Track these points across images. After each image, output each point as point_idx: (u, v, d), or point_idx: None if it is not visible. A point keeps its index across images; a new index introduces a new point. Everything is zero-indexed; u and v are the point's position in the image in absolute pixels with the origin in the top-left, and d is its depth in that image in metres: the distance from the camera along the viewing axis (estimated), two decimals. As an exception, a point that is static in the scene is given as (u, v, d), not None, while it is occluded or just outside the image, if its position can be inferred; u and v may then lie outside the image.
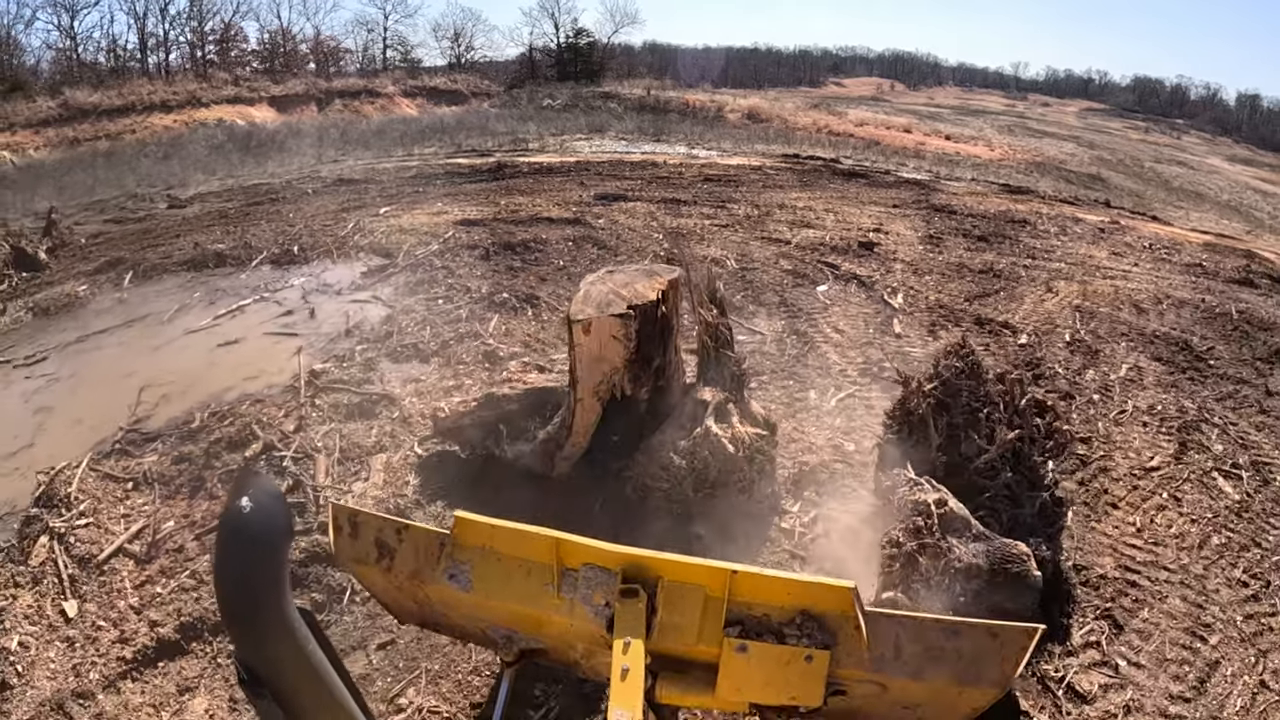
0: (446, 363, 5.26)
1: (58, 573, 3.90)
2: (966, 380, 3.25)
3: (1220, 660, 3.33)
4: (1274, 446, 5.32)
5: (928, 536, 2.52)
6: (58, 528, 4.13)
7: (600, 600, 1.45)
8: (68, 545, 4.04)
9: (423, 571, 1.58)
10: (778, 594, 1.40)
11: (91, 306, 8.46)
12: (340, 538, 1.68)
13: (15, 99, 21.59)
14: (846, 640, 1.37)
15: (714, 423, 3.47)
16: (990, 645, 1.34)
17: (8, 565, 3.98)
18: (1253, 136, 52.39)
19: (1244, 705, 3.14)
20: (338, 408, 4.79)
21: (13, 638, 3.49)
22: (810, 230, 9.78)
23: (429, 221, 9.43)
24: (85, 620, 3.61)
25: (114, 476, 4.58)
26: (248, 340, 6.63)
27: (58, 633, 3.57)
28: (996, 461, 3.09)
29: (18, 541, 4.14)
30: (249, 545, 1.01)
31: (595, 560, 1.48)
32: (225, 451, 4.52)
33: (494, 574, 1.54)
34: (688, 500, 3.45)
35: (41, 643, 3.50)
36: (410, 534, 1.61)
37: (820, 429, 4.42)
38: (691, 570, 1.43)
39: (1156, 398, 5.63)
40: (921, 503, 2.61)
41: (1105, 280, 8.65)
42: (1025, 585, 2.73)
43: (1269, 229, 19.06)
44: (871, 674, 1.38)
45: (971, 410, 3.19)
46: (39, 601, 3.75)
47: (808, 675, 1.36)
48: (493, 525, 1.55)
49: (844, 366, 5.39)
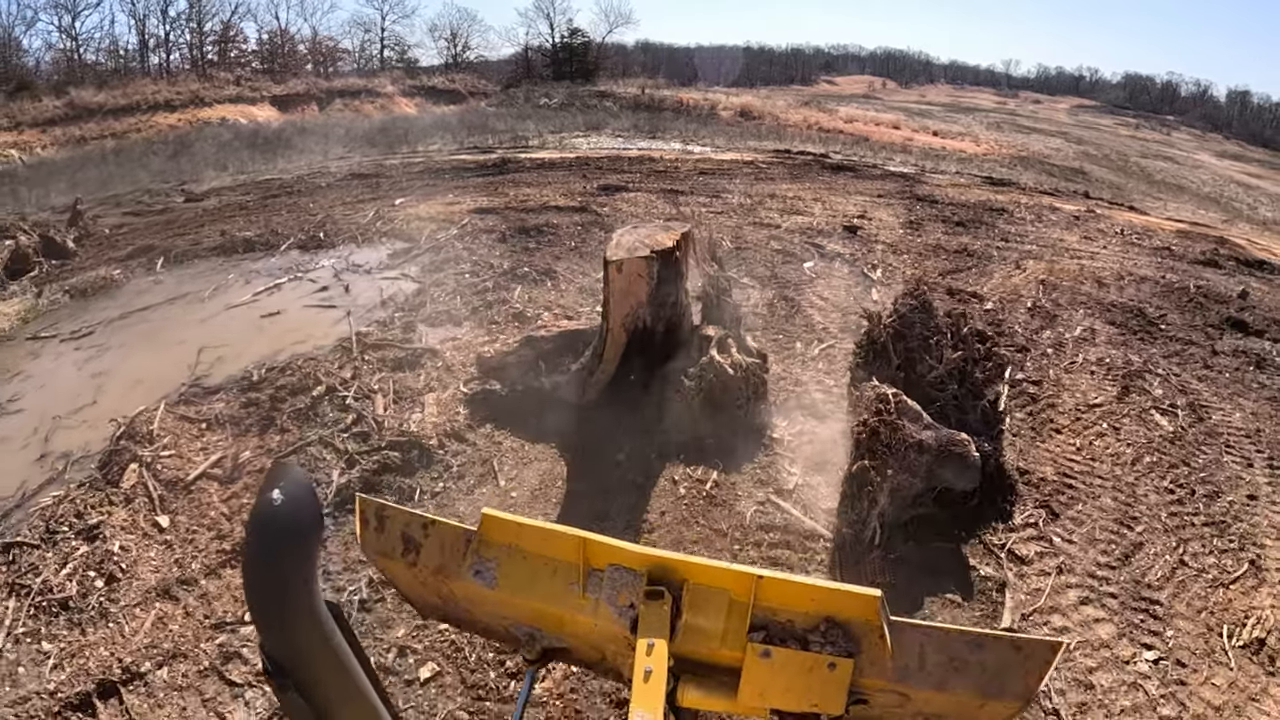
0: (479, 324, 6.01)
1: (148, 494, 4.58)
2: (920, 315, 4.03)
3: (1144, 543, 4.09)
4: (1213, 394, 6.10)
5: (887, 416, 3.28)
6: (145, 457, 4.83)
7: (625, 601, 1.46)
8: (155, 471, 4.73)
9: (448, 567, 1.60)
10: (803, 600, 1.42)
11: (128, 288, 9.12)
12: (366, 531, 1.68)
13: (21, 98, 22.26)
14: (870, 649, 1.39)
15: (717, 352, 4.25)
16: (1014, 658, 1.35)
17: (99, 490, 4.68)
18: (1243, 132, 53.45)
19: (1163, 576, 3.90)
20: (386, 361, 5.52)
21: (114, 543, 4.16)
22: (799, 217, 10.57)
23: (445, 210, 10.17)
24: (179, 529, 4.30)
25: (188, 418, 5.29)
26: (289, 312, 7.35)
27: (154, 539, 4.24)
28: (945, 377, 3.87)
29: (106, 471, 4.84)
30: (279, 537, 1.01)
31: (621, 561, 1.49)
32: (290, 396, 5.23)
33: (519, 572, 1.55)
34: (696, 417, 4.21)
35: (140, 546, 4.18)
36: (436, 529, 1.63)
37: (805, 370, 5.21)
38: (717, 574, 1.45)
39: (1106, 353, 6.42)
40: (883, 394, 3.38)
41: (1072, 260, 9.45)
42: (967, 465, 3.50)
43: (1246, 219, 19.90)
44: (894, 684, 1.40)
45: (924, 338, 3.97)
46: (133, 516, 4.44)
47: (830, 683, 1.37)
48: (520, 523, 1.57)
49: (826, 325, 6.18)
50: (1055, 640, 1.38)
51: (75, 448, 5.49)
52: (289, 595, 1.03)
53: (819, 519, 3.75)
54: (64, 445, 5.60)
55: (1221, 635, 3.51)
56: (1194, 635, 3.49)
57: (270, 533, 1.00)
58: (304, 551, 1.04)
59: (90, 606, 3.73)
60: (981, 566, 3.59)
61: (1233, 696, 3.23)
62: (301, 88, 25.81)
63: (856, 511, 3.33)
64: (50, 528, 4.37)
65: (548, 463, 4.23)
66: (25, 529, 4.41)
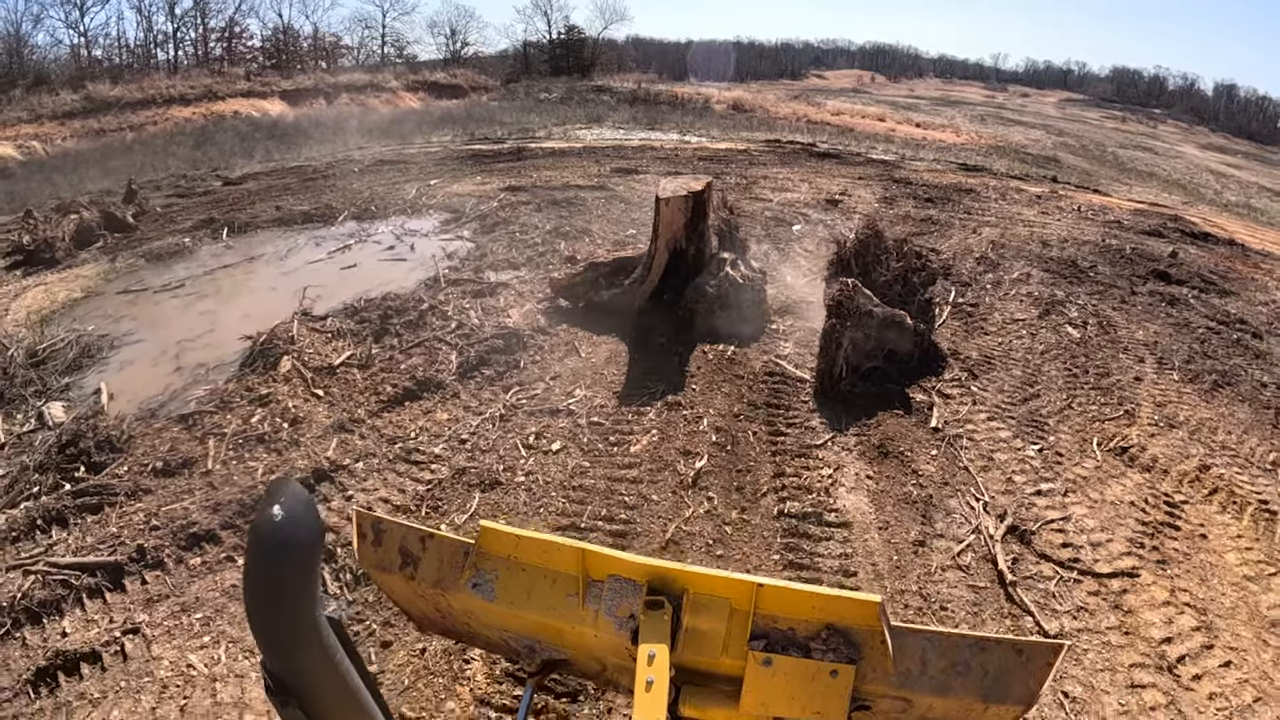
0: (537, 267, 7.81)
1: (302, 376, 6.20)
2: (874, 239, 5.87)
3: (1040, 395, 5.88)
4: (1123, 318, 7.87)
5: (848, 292, 5.09)
6: (294, 351, 6.53)
7: (625, 612, 1.49)
8: (304, 361, 6.42)
9: (446, 580, 1.64)
10: (803, 608, 1.45)
11: (201, 252, 10.68)
12: (364, 545, 1.72)
13: (39, 92, 23.82)
14: (872, 655, 1.41)
15: (730, 269, 6.07)
16: (1016, 661, 1.38)
17: (260, 375, 6.29)
18: (1229, 126, 55.32)
19: (1052, 411, 5.65)
20: (467, 292, 7.29)
21: (288, 403, 5.83)
22: (788, 194, 12.44)
23: (478, 189, 11.96)
24: (334, 396, 5.98)
25: (316, 330, 7.00)
26: (365, 265, 9.08)
27: (318, 401, 5.87)
28: (891, 281, 5.69)
29: (260, 364, 6.46)
30: (279, 553, 1.03)
31: (621, 571, 1.52)
32: (395, 315, 6.97)
33: (518, 584, 1.58)
34: (715, 315, 6.03)
35: (309, 405, 5.83)
36: (434, 542, 1.67)
37: (793, 291, 7.06)
38: (717, 583, 1.48)
39: (1036, 289, 8.27)
40: (845, 281, 5.18)
41: (1025, 228, 11.31)
42: (905, 329, 5.32)
43: (1209, 202, 21.71)
44: (896, 690, 1.42)
45: (876, 255, 5.80)
46: (294, 390, 6.07)
47: (832, 690, 1.40)
48: (518, 535, 1.60)
49: (809, 266, 8.02)
50: (1057, 642, 1.41)
51: (208, 361, 7.11)
52: (290, 611, 1.06)
53: (804, 371, 5.60)
54: (195, 361, 7.24)
55: (1093, 444, 5.29)
56: (1072, 442, 5.28)
57: (271, 548, 1.03)
58: (305, 567, 1.06)
59: (282, 439, 5.36)
60: (917, 397, 5.43)
61: (1096, 474, 4.98)
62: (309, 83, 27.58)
63: (828, 356, 5.13)
64: (224, 400, 6.01)
65: (612, 344, 6.05)
66: (194, 404, 6.09)
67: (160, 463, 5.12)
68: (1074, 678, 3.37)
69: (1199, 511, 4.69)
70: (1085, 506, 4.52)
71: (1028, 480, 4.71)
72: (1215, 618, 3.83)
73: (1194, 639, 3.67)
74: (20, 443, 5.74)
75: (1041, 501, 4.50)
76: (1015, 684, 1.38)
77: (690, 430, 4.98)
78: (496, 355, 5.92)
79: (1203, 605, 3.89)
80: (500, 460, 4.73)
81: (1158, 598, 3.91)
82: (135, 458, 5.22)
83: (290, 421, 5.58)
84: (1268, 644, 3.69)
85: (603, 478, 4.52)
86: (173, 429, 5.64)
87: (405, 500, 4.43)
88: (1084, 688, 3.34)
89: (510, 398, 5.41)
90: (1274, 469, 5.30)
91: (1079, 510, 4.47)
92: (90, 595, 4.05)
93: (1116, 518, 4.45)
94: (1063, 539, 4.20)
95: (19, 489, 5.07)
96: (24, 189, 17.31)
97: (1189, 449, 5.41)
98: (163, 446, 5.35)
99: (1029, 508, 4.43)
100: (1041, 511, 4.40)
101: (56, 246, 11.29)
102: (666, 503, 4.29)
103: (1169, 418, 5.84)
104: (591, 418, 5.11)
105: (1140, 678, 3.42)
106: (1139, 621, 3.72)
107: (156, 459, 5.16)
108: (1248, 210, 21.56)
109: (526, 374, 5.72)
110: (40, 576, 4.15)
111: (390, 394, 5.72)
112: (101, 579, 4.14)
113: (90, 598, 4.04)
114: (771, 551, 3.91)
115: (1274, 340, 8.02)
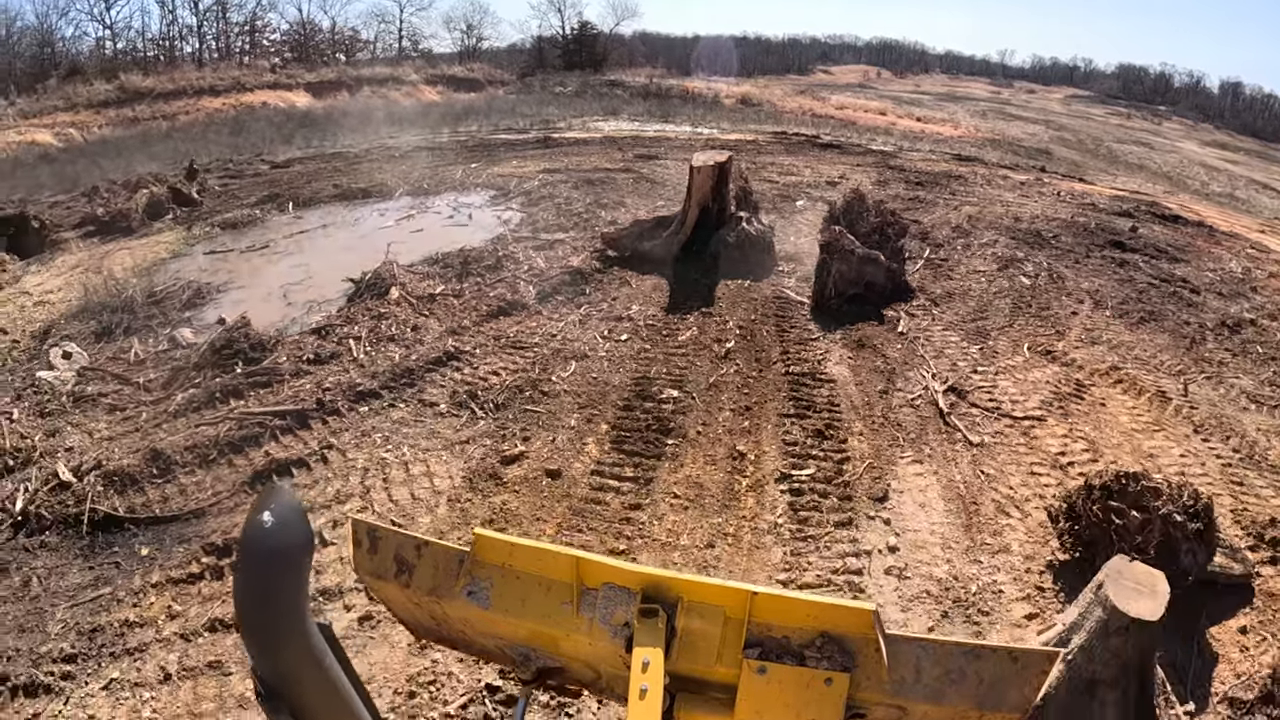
0: (584, 229, 9.78)
1: (409, 302, 8.08)
2: (858, 202, 7.84)
3: (988, 317, 7.77)
4: (1073, 274, 9.70)
5: (835, 234, 7.05)
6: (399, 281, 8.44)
7: (619, 620, 1.51)
8: (409, 291, 8.33)
9: (441, 588, 1.64)
10: (798, 616, 1.46)
11: (272, 223, 12.45)
12: (359, 552, 1.72)
13: (73, 82, 25.80)
14: (867, 663, 1.43)
15: (745, 225, 8.05)
16: (1011, 668, 1.40)
17: (374, 300, 8.19)
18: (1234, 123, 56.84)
19: (995, 327, 7.54)
20: (530, 247, 9.26)
21: (409, 320, 7.73)
22: (793, 177, 14.42)
23: (517, 171, 13.95)
24: (439, 316, 7.84)
25: (411, 271, 8.92)
26: (431, 230, 11.00)
27: (428, 317, 7.75)
28: (870, 232, 7.66)
29: (368, 295, 8.38)
30: (269, 559, 1.06)
31: (615, 580, 1.53)
32: (474, 262, 8.92)
33: (513, 592, 1.60)
34: (734, 259, 8.02)
35: (422, 320, 7.66)
36: (429, 550, 1.67)
37: (796, 247, 9.07)
38: (712, 591, 1.49)
39: (1000, 251, 10.19)
40: (834, 228, 7.14)
41: (1002, 207, 13.22)
42: (880, 265, 7.30)
43: (1192, 192, 23.47)
44: (891, 697, 1.44)
45: (859, 213, 7.77)
46: (404, 311, 7.93)
47: (827, 698, 1.42)
48: (512, 543, 1.61)
49: (809, 230, 10.00)
50: (1052, 650, 1.45)
51: (315, 298, 8.95)
52: (280, 617, 1.08)
53: (803, 296, 7.63)
54: (303, 299, 8.95)
55: (1024, 347, 7.19)
56: (1007, 346, 7.16)
57: (261, 554, 1.04)
58: (295, 573, 1.08)
59: (408, 339, 7.22)
60: (889, 314, 7.42)
61: (1023, 365, 6.83)
62: (332, 75, 29.62)
63: (820, 282, 7.11)
64: (348, 318, 7.88)
65: (655, 280, 8.05)
66: (320, 319, 7.95)
67: (312, 355, 6.96)
68: (991, 465, 5.29)
69: (1104, 392, 6.58)
70: (1010, 380, 6.46)
71: (969, 365, 6.66)
72: (1103, 448, 5.68)
73: (1082, 456, 5.55)
74: (159, 358, 7.40)
75: (977, 377, 6.44)
76: (1010, 691, 1.40)
77: (720, 327, 6.98)
78: (565, 287, 7.88)
79: (1093, 440, 5.74)
80: (585, 345, 6.71)
81: (1058, 432, 5.79)
82: (288, 352, 7.05)
83: (411, 328, 7.45)
84: (1141, 466, 5.59)
85: (660, 354, 6.52)
86: (309, 337, 7.51)
87: (519, 366, 6.38)
88: (996, 470, 5.25)
89: (583, 311, 7.38)
90: (1177, 376, 7.17)
91: (1005, 383, 6.41)
92: (282, 433, 5.81)
93: (1034, 389, 6.38)
94: (989, 397, 6.14)
95: (180, 381, 6.79)
96: (71, 171, 19.23)
97: (1106, 357, 7.26)
98: (308, 347, 7.20)
99: (967, 379, 6.38)
100: (976, 382, 6.35)
101: (131, 217, 13.01)
102: (706, 367, 6.29)
103: (1094, 338, 7.73)
104: (648, 321, 7.12)
105: (1038, 470, 5.31)
106: (1042, 444, 5.61)
107: (308, 353, 6.99)
108: (1230, 200, 23.37)
109: (592, 298, 7.70)
110: (237, 422, 5.96)
111: (486, 311, 7.64)
112: (290, 422, 5.97)
113: (282, 435, 5.79)
114: (781, 392, 5.88)
115: (1211, 296, 9.84)
